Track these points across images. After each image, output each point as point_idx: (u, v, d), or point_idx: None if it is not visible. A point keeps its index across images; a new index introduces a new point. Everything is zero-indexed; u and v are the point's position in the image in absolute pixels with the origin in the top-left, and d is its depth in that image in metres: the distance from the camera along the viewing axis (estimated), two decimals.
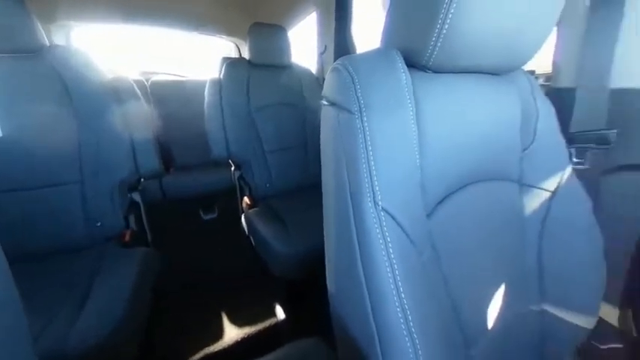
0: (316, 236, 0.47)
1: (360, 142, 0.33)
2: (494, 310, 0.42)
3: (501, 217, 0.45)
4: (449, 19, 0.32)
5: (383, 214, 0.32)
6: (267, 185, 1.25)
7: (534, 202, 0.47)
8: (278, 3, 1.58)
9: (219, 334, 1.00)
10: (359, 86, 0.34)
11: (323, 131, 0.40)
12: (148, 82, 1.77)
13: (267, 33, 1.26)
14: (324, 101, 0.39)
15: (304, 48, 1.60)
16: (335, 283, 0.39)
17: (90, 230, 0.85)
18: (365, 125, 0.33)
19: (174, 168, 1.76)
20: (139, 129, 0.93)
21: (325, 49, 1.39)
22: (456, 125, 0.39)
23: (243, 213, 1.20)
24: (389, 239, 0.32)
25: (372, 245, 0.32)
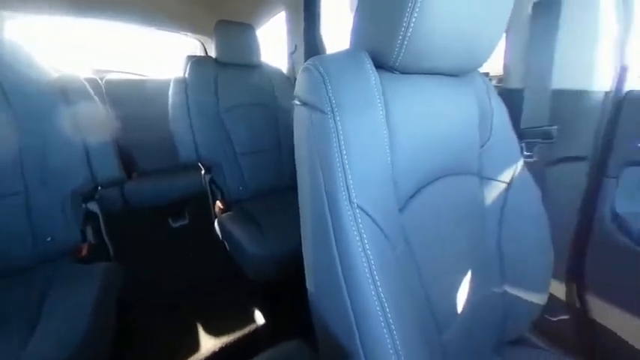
0: (292, 237, 0.47)
1: (334, 142, 0.33)
2: (462, 296, 0.45)
3: (465, 209, 0.48)
4: (412, 22, 0.34)
5: (358, 211, 0.33)
6: (241, 188, 1.21)
7: (493, 193, 0.51)
8: (244, 1, 1.54)
9: (195, 345, 0.96)
10: (330, 86, 0.34)
11: (296, 131, 0.40)
12: (102, 81, 1.62)
13: (234, 31, 1.23)
14: (296, 101, 0.39)
15: (274, 48, 1.58)
16: (314, 281, 0.39)
17: (39, 247, 0.76)
18: (338, 125, 0.33)
19: (137, 174, 1.63)
20: (93, 132, 0.84)
21: (296, 48, 1.39)
22: (423, 124, 0.41)
23: (216, 218, 1.16)
24: (365, 235, 0.33)
25: (348, 242, 0.33)
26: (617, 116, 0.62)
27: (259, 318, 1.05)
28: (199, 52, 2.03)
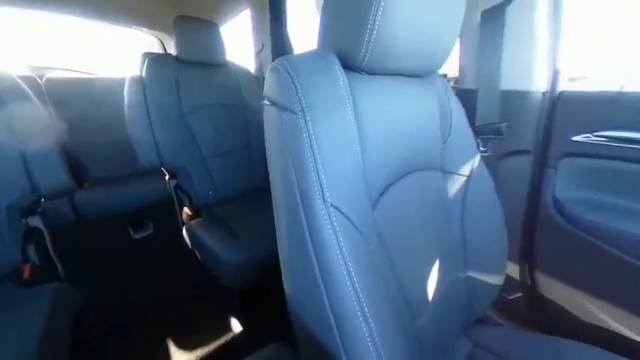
0: (267, 240, 0.46)
1: (305, 142, 0.33)
2: (432, 284, 0.48)
3: (432, 202, 0.52)
4: (377, 25, 0.35)
5: (332, 209, 0.33)
6: (210, 192, 1.15)
7: (455, 186, 0.55)
8: None
9: None
10: (299, 86, 0.34)
11: (267, 131, 0.39)
12: (42, 79, 1.44)
13: (196, 28, 1.17)
14: (265, 101, 0.38)
15: (240, 46, 1.53)
16: (291, 282, 0.39)
17: None
18: (309, 125, 0.34)
19: (88, 182, 1.47)
20: (32, 137, 0.75)
21: (262, 47, 1.36)
22: (389, 123, 0.43)
23: (184, 225, 1.09)
24: (339, 233, 0.33)
25: (324, 241, 0.33)
26: (553, 114, 0.70)
27: (236, 325, 1.01)
28: (157, 49, 1.89)
